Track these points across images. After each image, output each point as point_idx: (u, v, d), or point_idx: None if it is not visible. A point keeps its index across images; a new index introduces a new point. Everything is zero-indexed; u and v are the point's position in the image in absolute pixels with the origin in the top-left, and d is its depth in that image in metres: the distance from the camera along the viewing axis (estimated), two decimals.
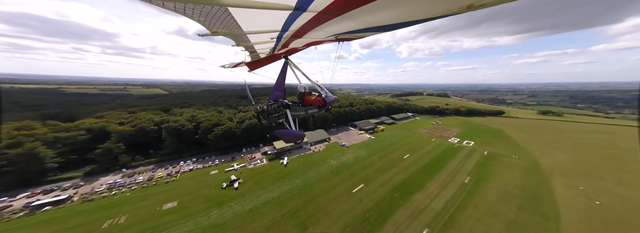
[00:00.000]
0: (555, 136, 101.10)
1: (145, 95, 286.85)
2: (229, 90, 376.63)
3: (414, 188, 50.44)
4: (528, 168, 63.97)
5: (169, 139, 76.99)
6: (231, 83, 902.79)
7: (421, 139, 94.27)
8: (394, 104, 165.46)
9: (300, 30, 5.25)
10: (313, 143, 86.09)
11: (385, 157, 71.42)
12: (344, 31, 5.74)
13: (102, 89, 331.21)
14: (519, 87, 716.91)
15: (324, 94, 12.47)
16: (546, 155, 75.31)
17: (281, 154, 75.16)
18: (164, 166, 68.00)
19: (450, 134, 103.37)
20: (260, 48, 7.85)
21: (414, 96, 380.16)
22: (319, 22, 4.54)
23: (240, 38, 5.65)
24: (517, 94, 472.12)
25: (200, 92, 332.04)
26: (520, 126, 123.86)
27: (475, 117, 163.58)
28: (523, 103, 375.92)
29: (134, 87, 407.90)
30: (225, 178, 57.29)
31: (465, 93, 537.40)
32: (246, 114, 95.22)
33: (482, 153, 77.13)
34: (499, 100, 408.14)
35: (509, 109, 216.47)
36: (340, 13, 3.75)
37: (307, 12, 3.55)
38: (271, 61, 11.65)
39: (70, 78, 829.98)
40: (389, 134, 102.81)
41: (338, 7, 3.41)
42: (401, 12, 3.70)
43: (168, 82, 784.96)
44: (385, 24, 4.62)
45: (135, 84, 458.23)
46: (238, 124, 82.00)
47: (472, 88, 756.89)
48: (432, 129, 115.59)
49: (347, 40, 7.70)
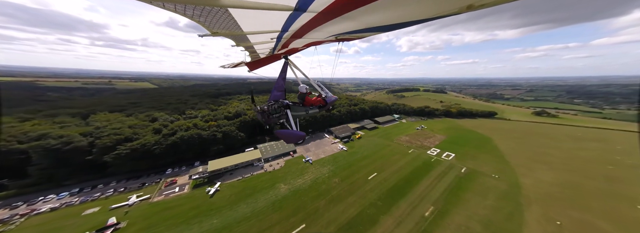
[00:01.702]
0: (546, 144, 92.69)
1: (129, 89, 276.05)
2: (221, 84, 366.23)
3: (363, 228, 42.44)
4: (505, 192, 55.93)
5: (42, 163, 57.30)
6: (227, 77, 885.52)
7: (398, 151, 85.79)
8: (380, 105, 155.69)
9: (300, 30, 5.36)
10: (270, 159, 74.95)
11: (349, 178, 63.16)
12: (344, 31, 5.89)
13: (84, 83, 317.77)
14: (518, 81, 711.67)
15: (324, 94, 12.56)
16: (531, 172, 67.15)
17: (218, 176, 61.76)
18: (10, 205, 49.41)
19: (432, 143, 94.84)
20: (260, 48, 8.19)
21: (410, 92, 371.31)
22: (319, 23, 4.66)
23: (240, 38, 5.75)
24: (516, 89, 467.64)
25: (189, 87, 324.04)
26: (510, 132, 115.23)
27: (466, 119, 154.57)
28: (521, 98, 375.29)
29: (121, 81, 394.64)
30: (97, 223, 42.11)
31: (463, 87, 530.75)
32: (189, 121, 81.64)
33: (459, 170, 68.92)
34: (497, 95, 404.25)
35: (503, 108, 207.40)
36: (340, 13, 3.82)
37: (307, 12, 3.60)
38: (271, 61, 12.11)
39: (58, 71, 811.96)
40: (365, 144, 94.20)
41: (338, 8, 3.44)
42: (401, 12, 3.74)
43: (162, 76, 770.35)
44: (385, 24, 4.77)
45: (123, 78, 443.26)
46: (163, 138, 66.60)
47: (472, 82, 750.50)
48: (415, 136, 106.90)
49: (347, 40, 8.13)
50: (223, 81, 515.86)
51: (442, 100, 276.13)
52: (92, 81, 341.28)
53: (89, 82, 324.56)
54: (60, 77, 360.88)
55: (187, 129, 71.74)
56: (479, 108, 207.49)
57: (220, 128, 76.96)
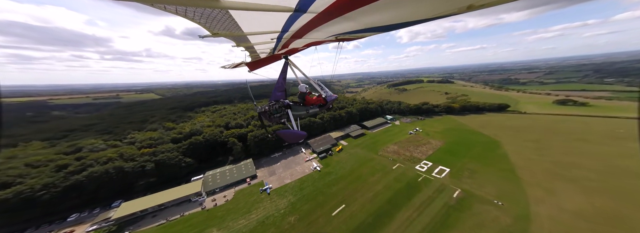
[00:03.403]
0: (573, 149, 73.84)
1: (136, 101, 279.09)
2: (222, 90, 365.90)
3: None
4: (508, 232, 40.79)
5: None
6: (229, 82, 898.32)
7: (380, 167, 71.55)
8: (370, 106, 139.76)
9: (301, 31, 5.38)
10: (217, 190, 61.25)
11: (309, 216, 50.45)
12: (344, 31, 5.93)
13: (95, 98, 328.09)
14: (535, 64, 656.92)
15: (325, 93, 12.68)
16: (549, 196, 50.74)
17: (134, 222, 49.90)
18: None
19: (424, 154, 79.31)
20: (261, 49, 8.22)
21: (413, 84, 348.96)
22: (319, 23, 4.68)
23: (241, 39, 5.78)
24: (533, 72, 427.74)
25: (191, 95, 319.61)
26: (526, 131, 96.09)
27: (471, 115, 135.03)
28: (539, 81, 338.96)
29: (128, 93, 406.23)
30: None
31: (473, 74, 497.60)
32: (118, 149, 67.97)
33: (451, 195, 53.91)
34: (511, 80, 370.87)
35: (518, 97, 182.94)
36: (341, 14, 3.81)
37: (307, 13, 3.60)
38: (271, 61, 12.22)
39: (76, 87, 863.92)
40: (345, 159, 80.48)
41: (338, 8, 3.46)
42: (401, 12, 3.75)
43: (169, 85, 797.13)
44: (385, 24, 4.84)
45: (129, 91, 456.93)
46: (64, 177, 53.20)
47: (483, 68, 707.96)
48: (405, 144, 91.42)
49: (347, 40, 8.22)
50: (224, 86, 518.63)
51: (447, 91, 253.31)
52: (103, 96, 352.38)
53: (99, 97, 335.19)
54: (75, 94, 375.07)
55: (105, 163, 59.52)
56: (488, 99, 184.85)
57: (155, 156, 65.61)
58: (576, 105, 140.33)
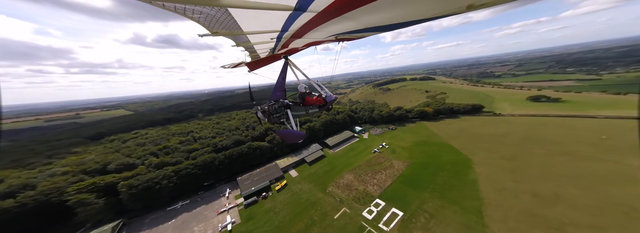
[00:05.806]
0: (557, 170, 60.23)
1: (99, 120, 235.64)
2: (200, 101, 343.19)
3: None
4: None
5: None
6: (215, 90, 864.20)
7: (319, 217, 54.93)
8: (337, 117, 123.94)
9: (300, 30, 5.35)
10: None
11: None
12: (344, 31, 5.92)
13: (48, 119, 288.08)
14: (505, 57, 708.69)
15: (324, 94, 12.58)
16: None
17: None
18: None
19: (381, 186, 63.84)
20: (260, 48, 8.16)
21: (396, 83, 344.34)
22: (319, 23, 4.65)
23: (240, 38, 5.72)
24: (505, 64, 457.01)
25: (169, 107, 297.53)
26: (502, 141, 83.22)
27: (445, 120, 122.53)
28: (512, 73, 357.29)
29: (92, 112, 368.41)
30: None
31: (454, 69, 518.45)
32: None
33: None
34: (487, 73, 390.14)
35: (493, 93, 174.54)
36: (340, 13, 3.79)
37: (307, 12, 3.57)
38: (271, 61, 12.18)
39: (42, 105, 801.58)
40: (279, 206, 61.38)
41: (338, 8, 3.43)
42: (401, 12, 3.72)
43: (150, 97, 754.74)
44: (385, 24, 4.80)
45: (96, 108, 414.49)
46: None
47: (461, 63, 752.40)
48: (364, 169, 75.83)
49: (347, 40, 8.20)
50: (207, 96, 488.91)
51: (428, 89, 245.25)
52: (60, 116, 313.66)
53: (55, 118, 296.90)
54: (24, 116, 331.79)
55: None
56: (465, 97, 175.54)
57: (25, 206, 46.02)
58: (549, 101, 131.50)
